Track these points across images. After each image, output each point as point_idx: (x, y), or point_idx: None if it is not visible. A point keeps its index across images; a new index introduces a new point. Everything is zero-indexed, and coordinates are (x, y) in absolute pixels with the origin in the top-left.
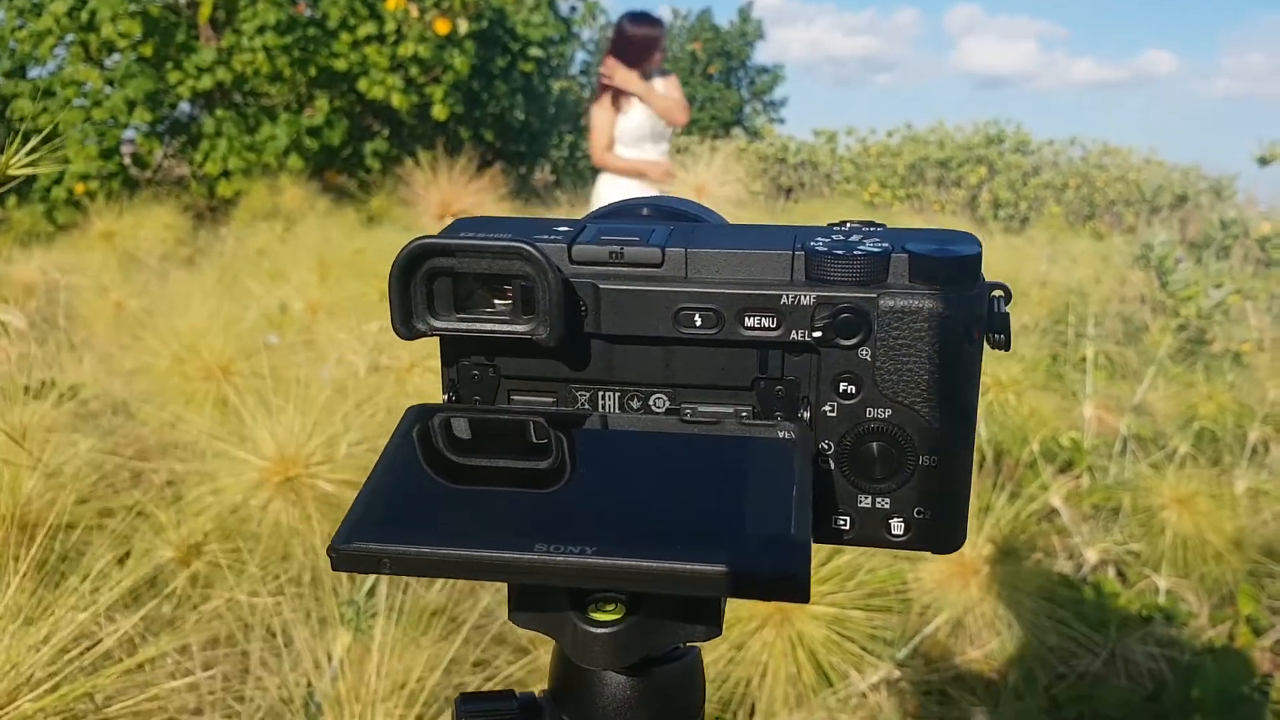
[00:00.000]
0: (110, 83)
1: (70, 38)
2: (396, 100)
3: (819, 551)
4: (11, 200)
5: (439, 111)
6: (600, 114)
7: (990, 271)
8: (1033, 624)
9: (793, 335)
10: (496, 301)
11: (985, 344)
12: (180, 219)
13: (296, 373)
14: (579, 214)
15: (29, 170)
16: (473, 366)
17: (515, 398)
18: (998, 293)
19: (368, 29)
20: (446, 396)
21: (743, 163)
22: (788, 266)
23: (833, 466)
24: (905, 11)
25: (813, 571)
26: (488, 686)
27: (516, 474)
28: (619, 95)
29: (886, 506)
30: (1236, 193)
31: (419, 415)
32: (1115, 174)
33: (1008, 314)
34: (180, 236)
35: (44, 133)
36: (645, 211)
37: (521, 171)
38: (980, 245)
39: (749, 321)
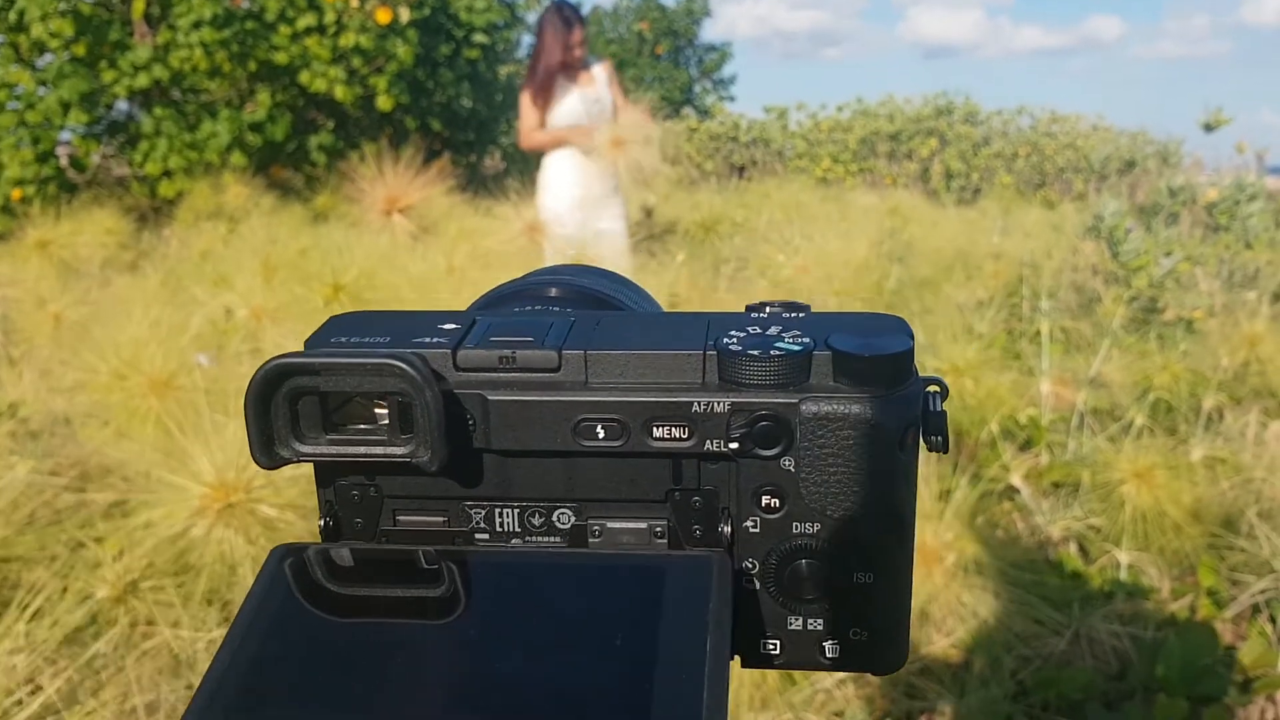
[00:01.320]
0: (43, 84)
1: (0, 39)
2: (340, 92)
3: None
4: None
5: (384, 102)
6: (527, 100)
7: (946, 245)
8: (997, 609)
9: (707, 445)
10: (375, 412)
11: (921, 446)
12: (121, 222)
13: (240, 385)
14: (530, 205)
15: None
16: (351, 487)
17: (401, 518)
18: (933, 388)
19: (307, 20)
20: (323, 521)
21: (694, 142)
22: (699, 368)
23: (758, 586)
24: None
25: None
26: None
27: (400, 630)
28: (548, 85)
29: (819, 628)
30: (1183, 158)
31: (284, 558)
32: (1064, 141)
33: (944, 412)
34: (122, 240)
35: None
36: (554, 293)
37: (471, 160)
38: (912, 338)
39: (658, 432)
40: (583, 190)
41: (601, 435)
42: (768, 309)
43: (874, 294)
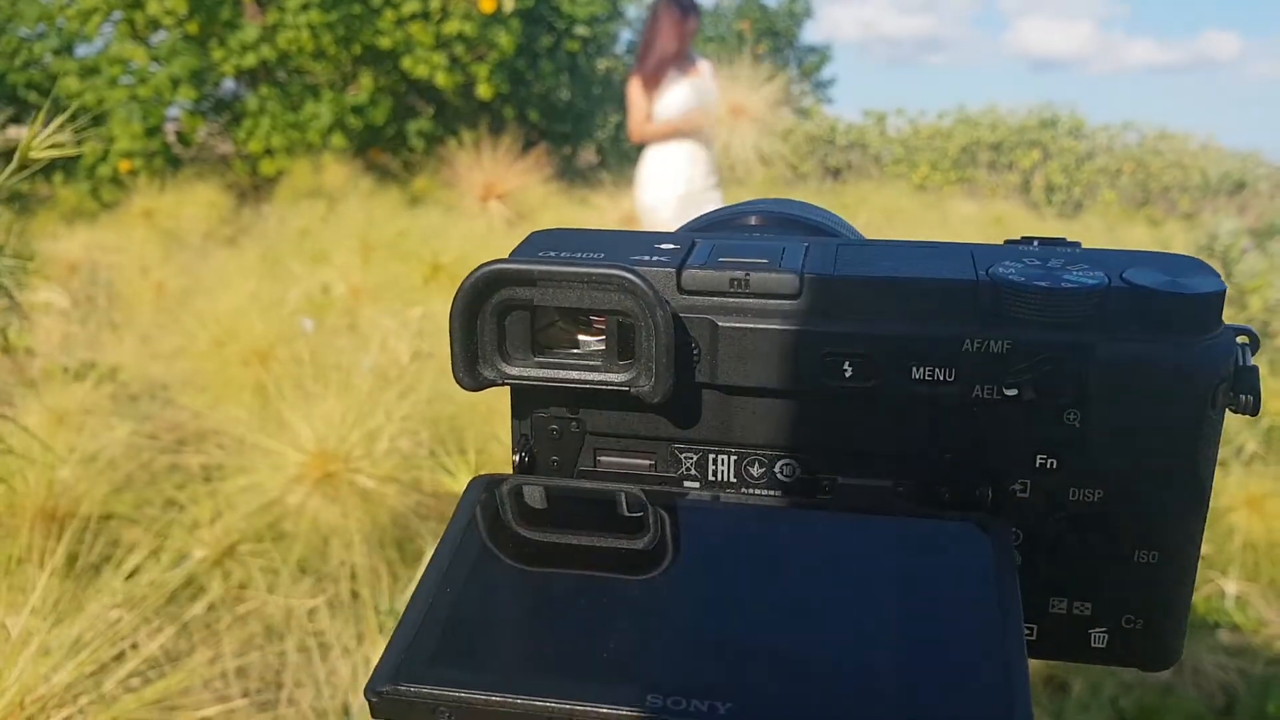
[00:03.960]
0: (155, 60)
1: (117, 15)
2: (441, 79)
3: None
4: (58, 178)
5: (484, 90)
6: (636, 89)
7: None
8: None
9: (976, 392)
10: (584, 339)
11: (1227, 408)
12: (223, 197)
13: (337, 359)
14: (625, 196)
15: (75, 150)
16: (551, 420)
17: (603, 459)
18: (1243, 339)
19: (412, 6)
20: (517, 457)
21: (789, 143)
22: (970, 300)
23: (1018, 560)
24: None
25: None
26: None
27: (613, 579)
28: (660, 74)
29: (1087, 613)
30: None
31: (483, 490)
32: (1171, 159)
33: (1256, 367)
34: (223, 215)
35: (90, 111)
36: (754, 220)
37: (566, 152)
38: (1221, 279)
39: (917, 373)
40: (685, 185)
41: (849, 373)
42: (1036, 242)
43: None
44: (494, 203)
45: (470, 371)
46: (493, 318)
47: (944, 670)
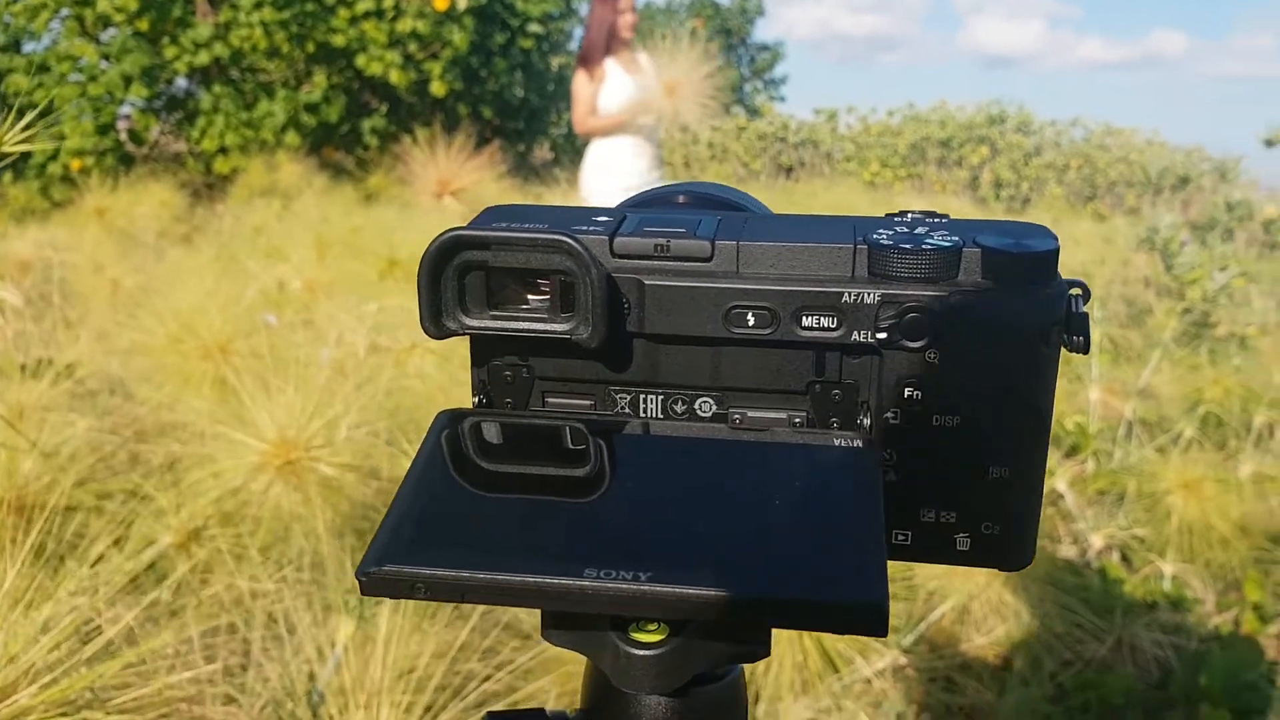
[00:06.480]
0: (106, 58)
1: (65, 12)
2: (395, 76)
3: None
4: (7, 176)
5: (437, 88)
6: (581, 82)
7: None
8: (1039, 610)
9: (854, 336)
10: (531, 298)
11: (1062, 346)
12: (176, 196)
13: (295, 353)
14: (577, 192)
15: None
16: (505, 367)
17: (550, 400)
18: (1075, 290)
19: (366, 4)
20: (476, 399)
21: (742, 141)
22: (849, 261)
23: (895, 478)
24: None
25: None
26: (495, 674)
27: (558, 487)
28: (596, 56)
29: (952, 520)
30: (1240, 175)
31: (450, 421)
32: (1117, 155)
33: (1086, 314)
34: (176, 213)
35: (40, 108)
36: (681, 199)
37: (520, 149)
38: (1057, 240)
39: (806, 321)
40: (630, 178)
41: (752, 323)
42: (909, 215)
43: None
44: (448, 199)
45: (435, 322)
46: (454, 277)
47: (823, 552)
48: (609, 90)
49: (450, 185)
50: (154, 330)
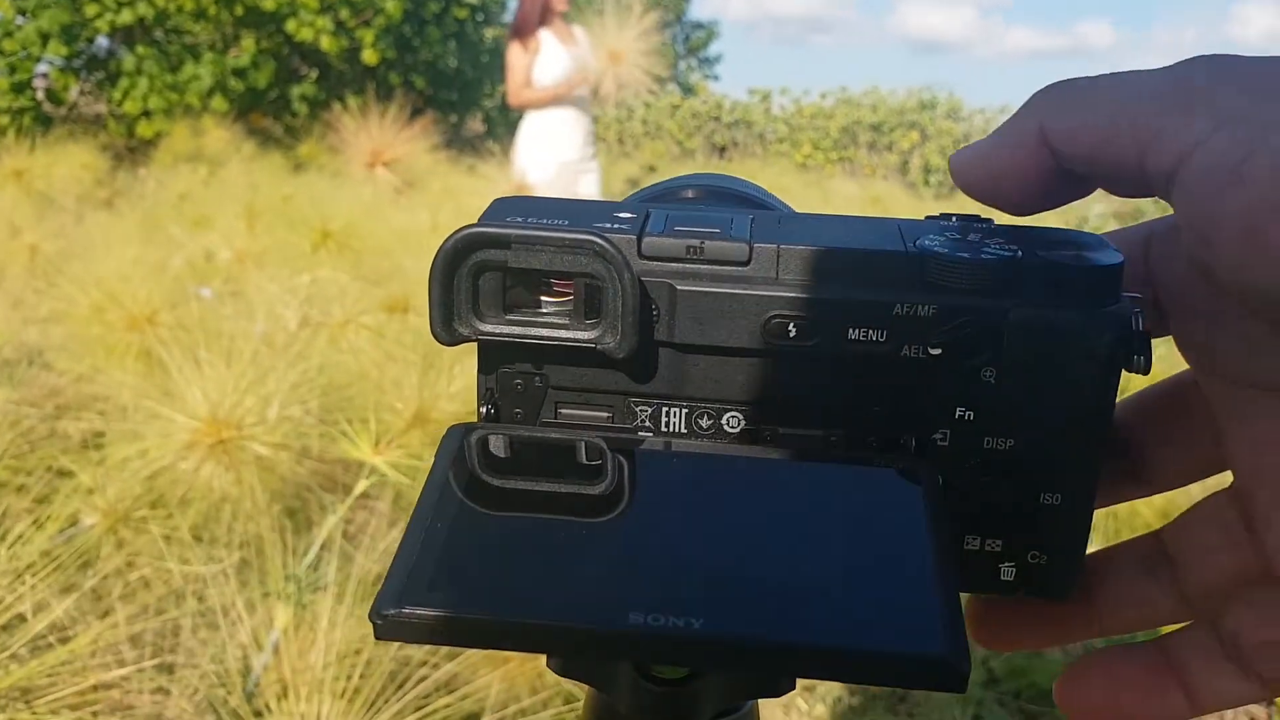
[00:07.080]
0: (23, 13)
1: None
2: (325, 43)
3: None
4: None
5: (369, 56)
6: (516, 54)
7: None
8: (967, 598)
9: (905, 351)
10: (547, 300)
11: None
12: (98, 159)
13: (225, 325)
14: (511, 165)
15: None
16: (516, 375)
17: (564, 411)
18: (1138, 308)
19: None
20: (483, 410)
21: (676, 119)
22: (901, 269)
23: None
24: None
25: None
26: (435, 660)
27: (587, 512)
28: (530, 26)
29: (998, 549)
30: None
31: (463, 438)
32: None
33: (1148, 332)
34: (98, 177)
35: None
36: (690, 194)
37: (453, 120)
38: (1120, 254)
39: (853, 334)
40: (564, 153)
41: (793, 334)
42: (954, 218)
43: None
44: (380, 170)
45: (447, 328)
46: (469, 278)
47: (884, 595)
48: (544, 63)
49: (382, 155)
50: (75, 299)
